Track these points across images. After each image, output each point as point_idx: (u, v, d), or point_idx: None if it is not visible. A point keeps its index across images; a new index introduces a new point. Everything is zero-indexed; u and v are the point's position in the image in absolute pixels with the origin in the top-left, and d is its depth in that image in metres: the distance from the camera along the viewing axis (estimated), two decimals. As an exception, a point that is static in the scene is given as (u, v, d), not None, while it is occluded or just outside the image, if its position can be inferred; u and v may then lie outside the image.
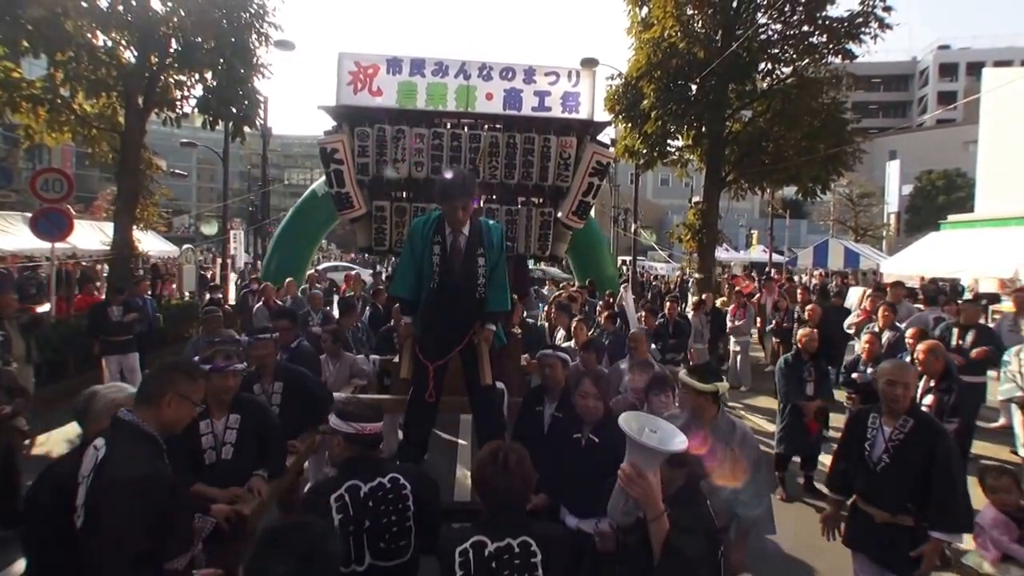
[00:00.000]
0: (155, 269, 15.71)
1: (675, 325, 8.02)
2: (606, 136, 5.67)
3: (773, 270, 21.54)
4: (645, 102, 12.62)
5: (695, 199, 16.11)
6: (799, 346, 5.61)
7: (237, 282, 17.21)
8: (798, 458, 5.68)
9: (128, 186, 10.42)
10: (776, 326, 9.53)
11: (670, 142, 13.65)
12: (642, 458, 1.81)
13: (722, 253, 22.71)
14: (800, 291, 10.31)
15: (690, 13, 12.26)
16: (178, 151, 28.27)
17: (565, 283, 13.32)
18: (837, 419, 6.21)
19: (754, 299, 11.50)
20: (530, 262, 6.09)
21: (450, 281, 3.50)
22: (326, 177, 5.28)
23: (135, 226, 10.97)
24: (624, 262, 24.43)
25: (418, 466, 2.75)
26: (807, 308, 8.10)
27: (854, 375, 5.69)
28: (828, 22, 11.97)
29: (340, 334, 5.74)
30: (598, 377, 3.18)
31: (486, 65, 5.27)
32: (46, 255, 10.93)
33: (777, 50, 12.60)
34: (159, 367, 2.12)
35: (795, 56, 12.42)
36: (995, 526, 2.64)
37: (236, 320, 9.11)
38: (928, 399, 4.26)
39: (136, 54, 9.97)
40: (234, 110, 10.52)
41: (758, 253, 29.81)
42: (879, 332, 6.19)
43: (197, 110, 10.66)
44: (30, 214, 10.82)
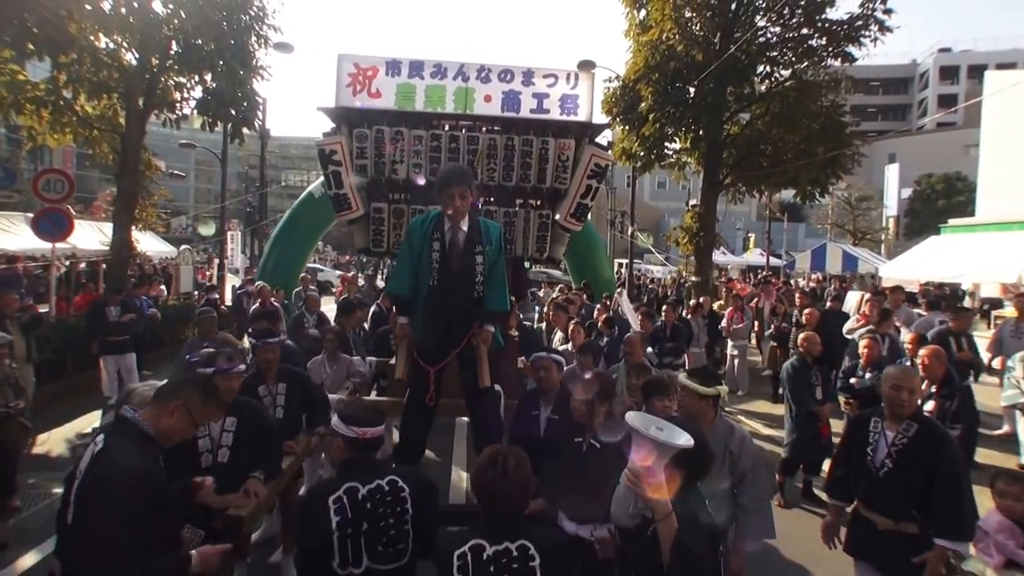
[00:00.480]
0: (140, 269, 15.70)
1: (673, 329, 7.99)
2: (604, 138, 5.64)
3: (770, 273, 21.53)
4: (643, 104, 12.62)
5: (692, 202, 16.14)
6: (801, 350, 5.54)
7: (233, 285, 17.24)
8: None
9: (127, 187, 10.50)
10: (775, 331, 9.51)
11: (667, 145, 13.66)
12: (650, 455, 1.80)
13: (719, 256, 22.68)
14: (798, 295, 10.29)
15: (688, 16, 12.28)
16: (176, 152, 28.26)
17: (561, 285, 13.28)
18: (835, 424, 6.18)
19: (752, 303, 11.49)
20: (534, 265, 6.07)
21: (448, 278, 3.49)
22: (324, 179, 5.26)
23: (134, 227, 11.06)
24: (621, 265, 24.39)
25: (416, 469, 2.73)
26: (805, 312, 8.08)
27: (852, 380, 5.62)
28: (828, 25, 12.00)
29: (342, 335, 5.74)
30: (598, 381, 3.11)
31: (484, 67, 5.26)
32: (46, 255, 11.03)
33: (776, 53, 12.62)
34: (185, 377, 2.13)
35: (794, 59, 12.43)
36: (1000, 531, 2.60)
37: (232, 321, 9.09)
38: (929, 405, 4.21)
39: (137, 56, 10.04)
40: (233, 112, 10.59)
41: (755, 257, 29.76)
42: (878, 336, 6.17)
43: (196, 112, 10.72)
44: (32, 214, 10.92)
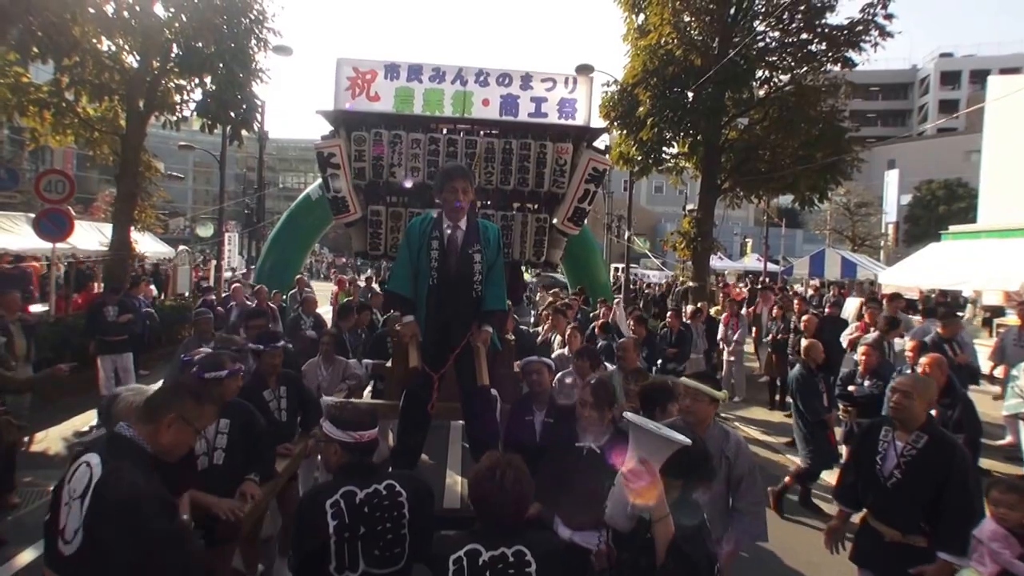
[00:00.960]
0: (142, 270, 15.75)
1: (678, 335, 7.95)
2: (601, 143, 5.64)
3: (768, 279, 21.49)
4: (641, 109, 12.62)
5: (689, 207, 16.11)
6: (804, 358, 5.50)
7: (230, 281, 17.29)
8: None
9: (127, 188, 10.61)
10: (772, 339, 9.48)
11: (665, 149, 13.66)
12: (650, 452, 1.78)
13: (716, 262, 22.64)
14: (797, 301, 10.26)
15: (687, 20, 12.28)
16: (175, 154, 28.29)
17: (556, 290, 13.24)
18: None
19: (749, 309, 11.47)
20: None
21: (447, 278, 3.49)
22: (322, 181, 5.26)
23: (133, 227, 11.14)
24: (617, 269, 24.37)
25: (413, 473, 2.71)
26: (803, 318, 8.06)
27: (850, 388, 5.59)
28: (828, 30, 12.00)
29: (338, 338, 5.72)
30: (600, 386, 3.05)
31: (483, 71, 5.25)
32: (47, 255, 11.10)
33: (775, 58, 12.62)
34: (172, 385, 2.01)
35: (793, 64, 12.43)
36: (994, 539, 2.57)
37: (227, 322, 9.08)
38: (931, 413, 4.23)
39: (138, 59, 10.15)
40: (232, 114, 10.70)
41: (752, 262, 29.72)
42: (885, 344, 6.14)
43: (196, 114, 10.83)
44: (33, 215, 11.03)
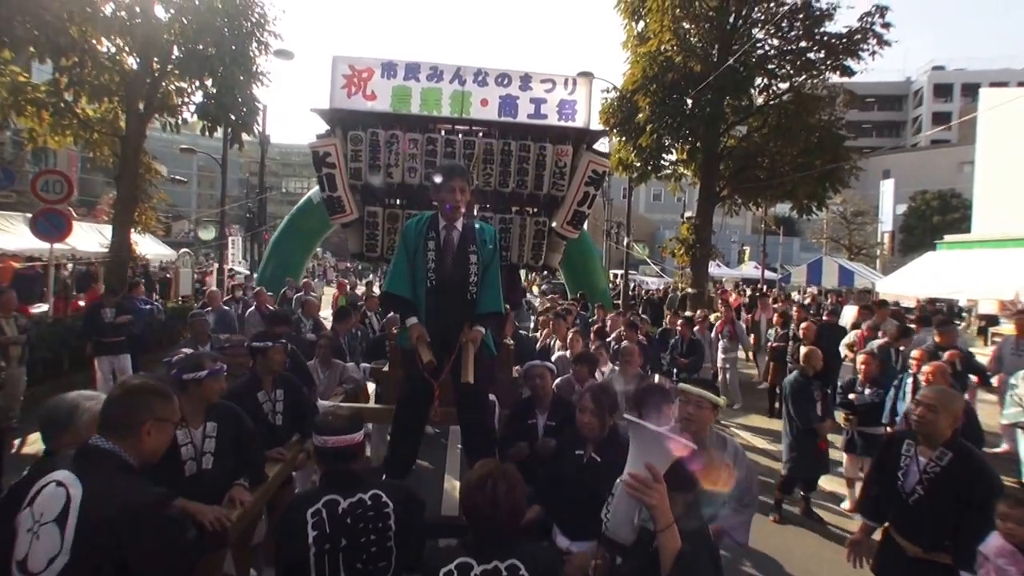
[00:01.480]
0: (144, 271, 15.71)
1: (690, 344, 7.84)
2: (601, 146, 5.57)
3: (765, 287, 21.50)
4: (640, 115, 12.63)
5: (687, 214, 16.12)
6: (803, 365, 5.45)
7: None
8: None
9: (127, 190, 10.57)
10: (772, 347, 9.42)
11: (664, 156, 13.67)
12: (653, 455, 1.67)
13: (714, 269, 22.67)
14: (796, 309, 10.22)
15: (687, 27, 12.31)
16: (180, 158, 28.30)
17: (554, 295, 13.17)
18: (836, 439, 6.09)
19: (748, 316, 11.44)
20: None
21: (444, 279, 3.41)
22: (318, 181, 5.18)
23: (133, 229, 11.12)
24: (616, 276, 24.41)
25: (403, 483, 2.59)
26: (803, 326, 8.01)
27: (851, 396, 5.56)
28: (827, 38, 12.05)
29: (335, 341, 5.64)
30: (601, 392, 2.96)
31: (482, 71, 5.16)
32: (44, 255, 10.96)
33: (774, 65, 12.65)
34: (127, 391, 1.87)
35: (792, 72, 12.47)
36: (1000, 555, 2.50)
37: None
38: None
39: (138, 60, 10.12)
40: (233, 117, 10.70)
41: (750, 269, 29.79)
42: (892, 351, 6.10)
43: (196, 116, 10.84)
44: (31, 215, 10.89)
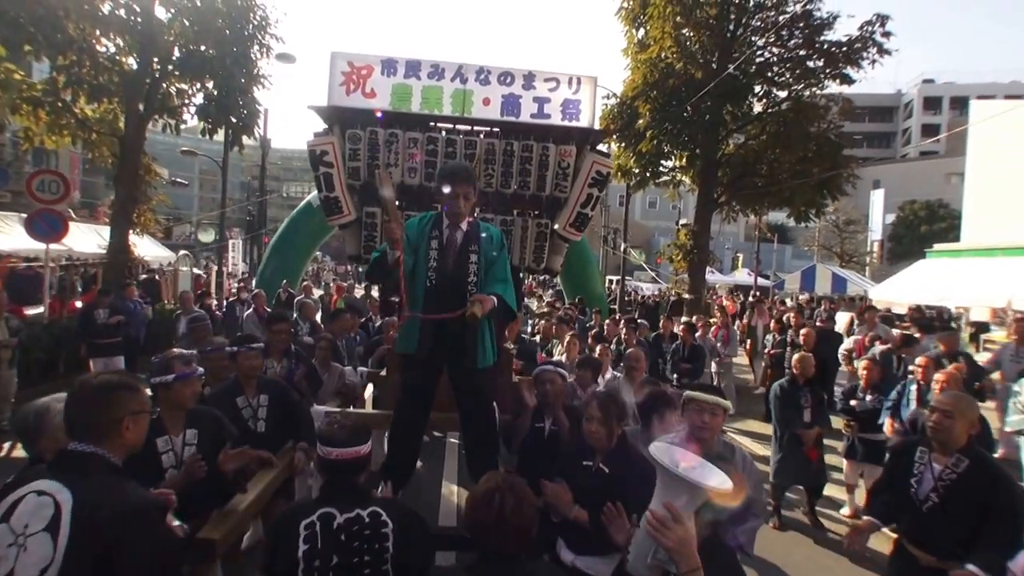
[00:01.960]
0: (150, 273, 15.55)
1: (691, 349, 7.78)
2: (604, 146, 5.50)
3: (759, 293, 21.58)
4: (640, 121, 12.65)
5: (683, 221, 16.15)
6: (794, 371, 5.43)
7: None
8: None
9: (125, 191, 10.50)
10: (769, 352, 9.39)
11: (663, 162, 13.69)
12: (679, 498, 1.49)
13: (708, 275, 22.80)
14: (793, 315, 10.20)
15: (687, 34, 12.33)
16: (182, 161, 28.15)
17: (552, 300, 13.11)
18: (836, 445, 6.05)
19: (743, 322, 11.43)
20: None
21: (443, 278, 3.31)
22: (315, 181, 5.06)
23: (132, 230, 11.05)
24: (611, 281, 24.45)
25: (404, 502, 2.44)
26: (801, 332, 7.97)
27: (852, 402, 5.54)
28: (827, 46, 12.09)
29: (333, 343, 5.55)
30: (609, 400, 2.83)
31: (484, 69, 5.07)
32: (39, 256, 10.92)
33: (773, 73, 12.70)
34: (93, 391, 1.80)
35: (792, 80, 12.51)
36: None
37: (224, 329, 8.93)
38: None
39: (137, 60, 10.06)
40: (233, 119, 10.70)
41: (743, 276, 30.03)
42: (884, 358, 6.08)
43: (196, 117, 10.82)
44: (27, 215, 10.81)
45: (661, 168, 13.78)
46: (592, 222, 5.51)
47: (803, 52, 12.25)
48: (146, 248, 16.02)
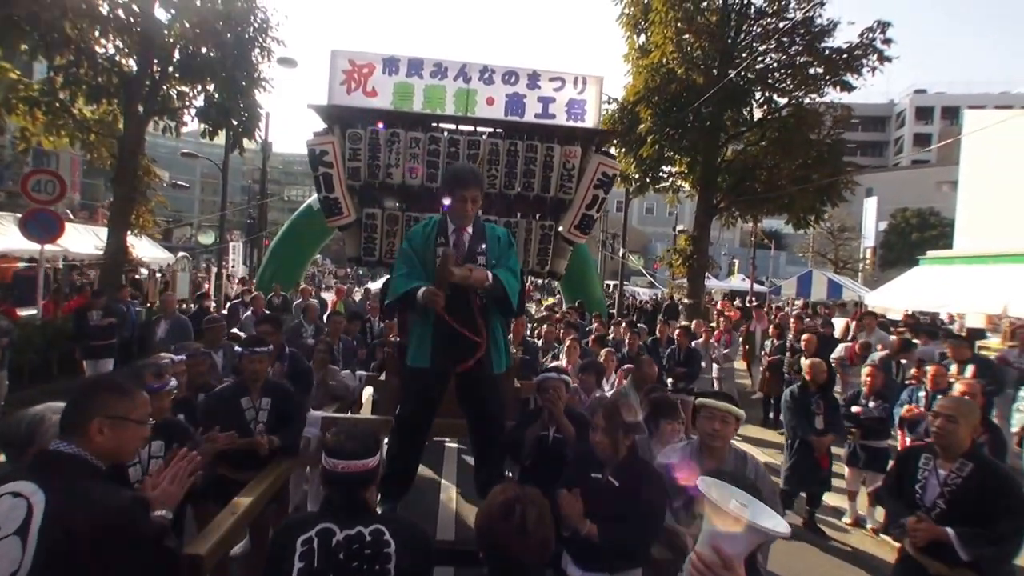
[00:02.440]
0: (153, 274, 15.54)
1: (686, 353, 7.73)
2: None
3: (755, 299, 21.63)
4: (642, 127, 12.64)
5: (680, 227, 16.14)
6: (807, 377, 5.37)
7: (227, 295, 17.03)
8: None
9: (123, 192, 10.41)
10: (768, 358, 9.34)
11: (663, 168, 13.69)
12: (730, 542, 1.30)
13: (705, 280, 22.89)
14: (793, 320, 10.17)
15: (688, 40, 12.33)
16: (184, 164, 27.97)
17: (551, 303, 13.06)
18: (842, 452, 5.97)
19: (742, 327, 11.40)
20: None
21: (453, 284, 3.12)
22: (314, 181, 4.96)
23: (130, 232, 10.95)
24: (609, 286, 24.50)
25: (409, 520, 2.29)
26: (803, 337, 7.92)
27: (855, 408, 5.48)
28: (827, 53, 12.10)
29: (330, 346, 5.48)
30: (614, 410, 2.71)
31: (488, 68, 4.98)
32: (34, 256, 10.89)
33: (774, 80, 12.71)
34: (80, 388, 1.74)
35: (792, 86, 12.52)
36: None
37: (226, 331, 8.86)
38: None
39: (137, 61, 9.99)
40: (234, 121, 10.64)
41: (738, 282, 30.11)
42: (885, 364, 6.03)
43: (196, 119, 10.76)
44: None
45: (661, 173, 13.78)
46: (591, 226, 5.41)
47: (804, 59, 12.26)
48: (145, 250, 15.93)
